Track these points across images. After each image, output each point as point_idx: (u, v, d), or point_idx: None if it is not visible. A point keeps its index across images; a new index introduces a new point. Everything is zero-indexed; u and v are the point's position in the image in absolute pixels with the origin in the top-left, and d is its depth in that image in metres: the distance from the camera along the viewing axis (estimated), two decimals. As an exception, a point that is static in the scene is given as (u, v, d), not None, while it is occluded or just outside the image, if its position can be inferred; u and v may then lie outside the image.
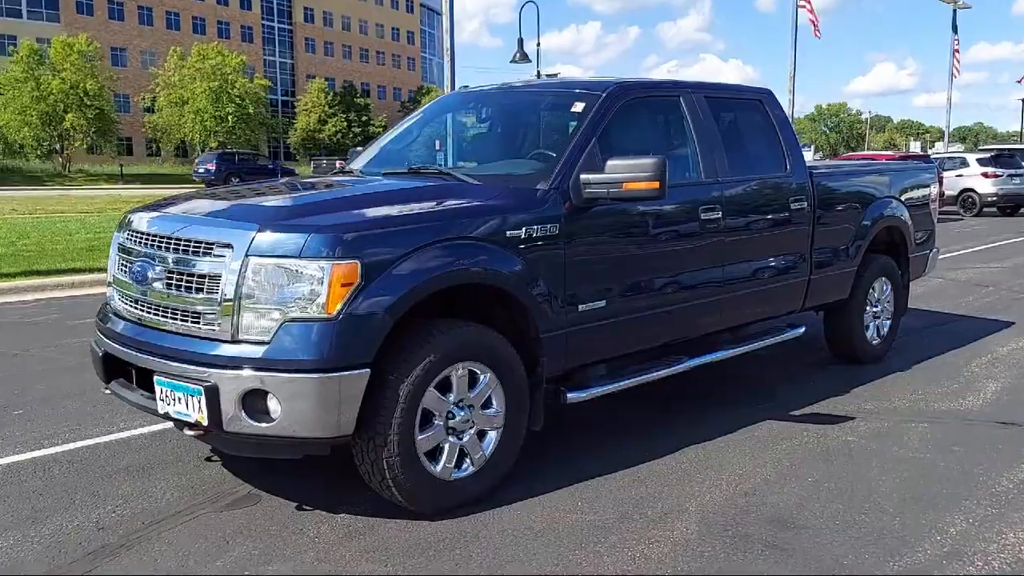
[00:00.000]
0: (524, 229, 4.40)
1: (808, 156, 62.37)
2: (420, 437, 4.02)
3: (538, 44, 31.88)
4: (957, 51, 39.80)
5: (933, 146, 74.36)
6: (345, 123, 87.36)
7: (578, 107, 5.10)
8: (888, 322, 7.53)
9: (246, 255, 3.74)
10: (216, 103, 67.72)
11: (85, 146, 65.38)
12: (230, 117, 68.04)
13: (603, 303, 4.85)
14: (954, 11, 39.35)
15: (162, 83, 68.27)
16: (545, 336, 4.56)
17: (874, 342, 7.36)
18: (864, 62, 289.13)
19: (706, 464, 4.96)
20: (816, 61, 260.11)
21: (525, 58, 29.62)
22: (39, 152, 63.39)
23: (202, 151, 70.03)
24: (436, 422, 4.11)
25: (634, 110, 5.35)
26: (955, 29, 39.97)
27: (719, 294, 5.62)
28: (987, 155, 26.23)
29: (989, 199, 25.09)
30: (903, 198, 7.48)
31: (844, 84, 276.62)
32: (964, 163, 25.97)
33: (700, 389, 6.46)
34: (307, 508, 4.24)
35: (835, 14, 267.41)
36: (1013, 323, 9.10)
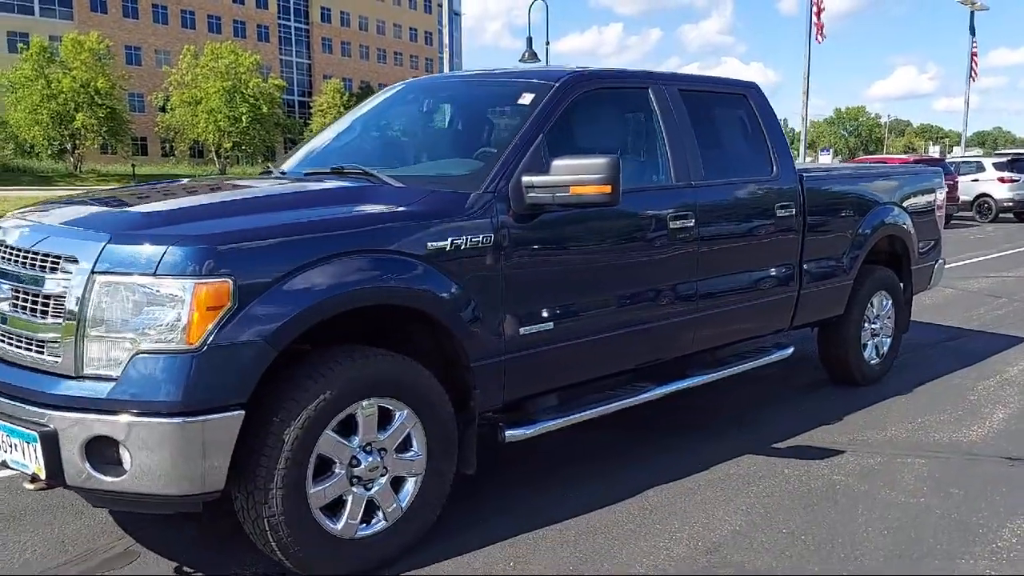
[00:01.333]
0: (450, 240, 3.78)
1: (827, 160, 61.47)
2: (314, 490, 3.41)
3: (547, 43, 31.31)
4: (975, 54, 38.95)
5: (951, 150, 73.31)
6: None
7: (526, 99, 4.49)
8: (888, 340, 6.88)
9: (92, 271, 3.12)
10: (229, 103, 67.28)
11: (97, 145, 65.12)
12: (244, 117, 67.58)
13: (551, 325, 4.24)
14: (971, 13, 38.51)
15: (175, 82, 67.90)
16: (477, 365, 3.96)
17: (872, 362, 6.72)
18: (885, 65, 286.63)
19: (670, 510, 4.34)
20: (837, 64, 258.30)
21: (534, 57, 29.07)
22: (51, 151, 63.14)
23: (216, 152, 69.80)
24: (336, 470, 3.50)
25: (593, 103, 4.74)
26: (973, 32, 39.13)
27: (692, 312, 5.00)
28: (1004, 160, 25.41)
29: (1005, 205, 24.30)
30: (905, 205, 6.83)
31: (865, 87, 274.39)
32: (980, 168, 25.19)
33: (676, 415, 5.84)
34: (188, 571, 3.63)
35: (856, 17, 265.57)
36: (1027, 339, 8.43)
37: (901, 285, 7.02)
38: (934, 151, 71.42)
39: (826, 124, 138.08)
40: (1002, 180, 24.41)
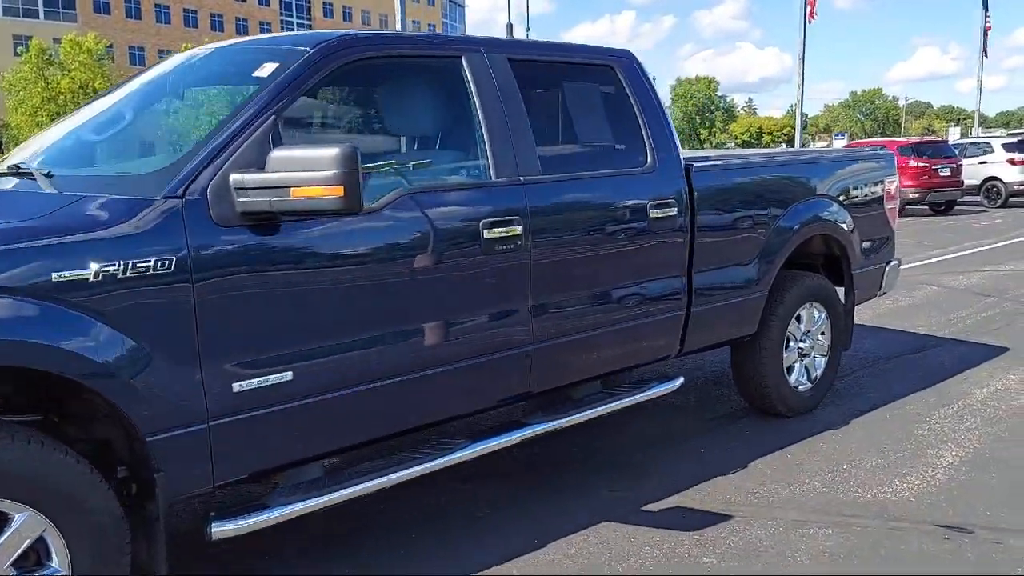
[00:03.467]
0: (95, 267, 2.67)
1: (841, 144, 59.87)
2: None
3: (527, 29, 30.03)
4: (988, 29, 37.43)
5: (969, 132, 71.53)
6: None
7: (265, 70, 3.35)
8: (823, 360, 5.70)
9: None
10: (229, 100, 66.43)
11: (97, 146, 64.45)
12: (244, 114, 66.64)
13: (289, 376, 3.12)
14: (983, -14, 37.03)
15: (173, 81, 67.13)
16: (159, 439, 2.84)
17: (800, 388, 5.54)
18: (906, 47, 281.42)
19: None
20: (857, 47, 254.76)
21: (517, 45, 27.92)
22: (52, 153, 62.51)
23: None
24: None
25: (372, 77, 3.65)
26: (986, 6, 37.61)
27: (524, 345, 3.87)
28: (1014, 140, 23.81)
29: (1016, 188, 22.74)
30: (843, 197, 5.65)
31: (886, 70, 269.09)
32: (988, 149, 23.64)
33: (549, 459, 4.72)
34: None
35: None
36: (1007, 350, 7.21)
37: (840, 293, 5.85)
38: (954, 132, 69.76)
39: (842, 108, 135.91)
40: (1012, 162, 22.86)
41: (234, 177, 2.95)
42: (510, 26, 26.59)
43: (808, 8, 26.48)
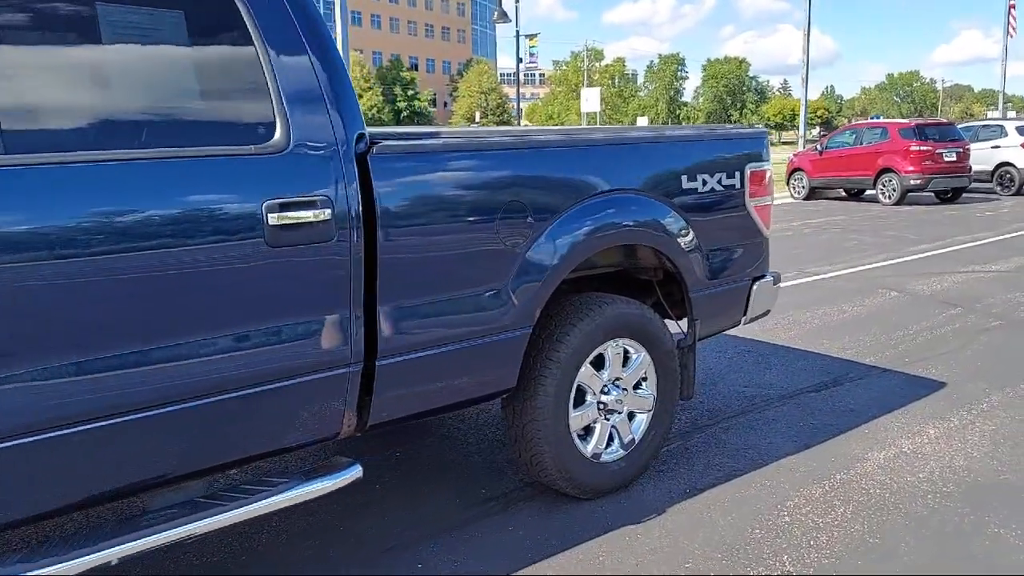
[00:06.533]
0: None
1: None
2: None
3: (517, 2, 28.25)
4: (1013, 7, 35.14)
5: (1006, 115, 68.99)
6: (381, 98, 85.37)
7: None
8: (645, 417, 4.09)
9: None
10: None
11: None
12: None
13: None
14: (1006, -39, 34.78)
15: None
16: None
17: (605, 459, 3.94)
18: (948, 30, 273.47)
19: None
20: (898, 31, 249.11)
21: (503, 16, 26.70)
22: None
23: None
24: None
25: None
26: (1010, -21, 35.40)
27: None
28: (1027, 123, 21.65)
29: (1032, 174, 20.74)
30: (670, 192, 4.02)
31: (928, 52, 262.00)
32: (1002, 132, 21.57)
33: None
34: None
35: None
36: (943, 385, 5.56)
37: (668, 325, 4.23)
38: (994, 115, 67.29)
39: (878, 91, 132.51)
40: (1027, 146, 20.84)
41: None
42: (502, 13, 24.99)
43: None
